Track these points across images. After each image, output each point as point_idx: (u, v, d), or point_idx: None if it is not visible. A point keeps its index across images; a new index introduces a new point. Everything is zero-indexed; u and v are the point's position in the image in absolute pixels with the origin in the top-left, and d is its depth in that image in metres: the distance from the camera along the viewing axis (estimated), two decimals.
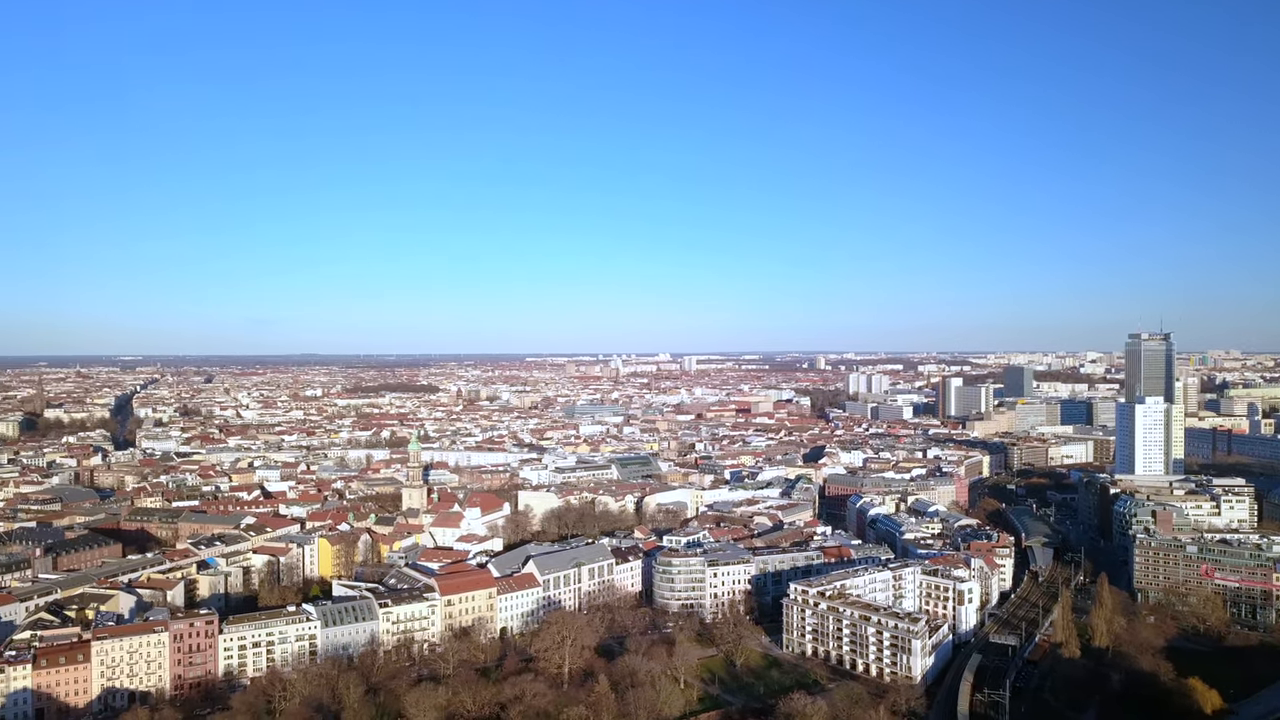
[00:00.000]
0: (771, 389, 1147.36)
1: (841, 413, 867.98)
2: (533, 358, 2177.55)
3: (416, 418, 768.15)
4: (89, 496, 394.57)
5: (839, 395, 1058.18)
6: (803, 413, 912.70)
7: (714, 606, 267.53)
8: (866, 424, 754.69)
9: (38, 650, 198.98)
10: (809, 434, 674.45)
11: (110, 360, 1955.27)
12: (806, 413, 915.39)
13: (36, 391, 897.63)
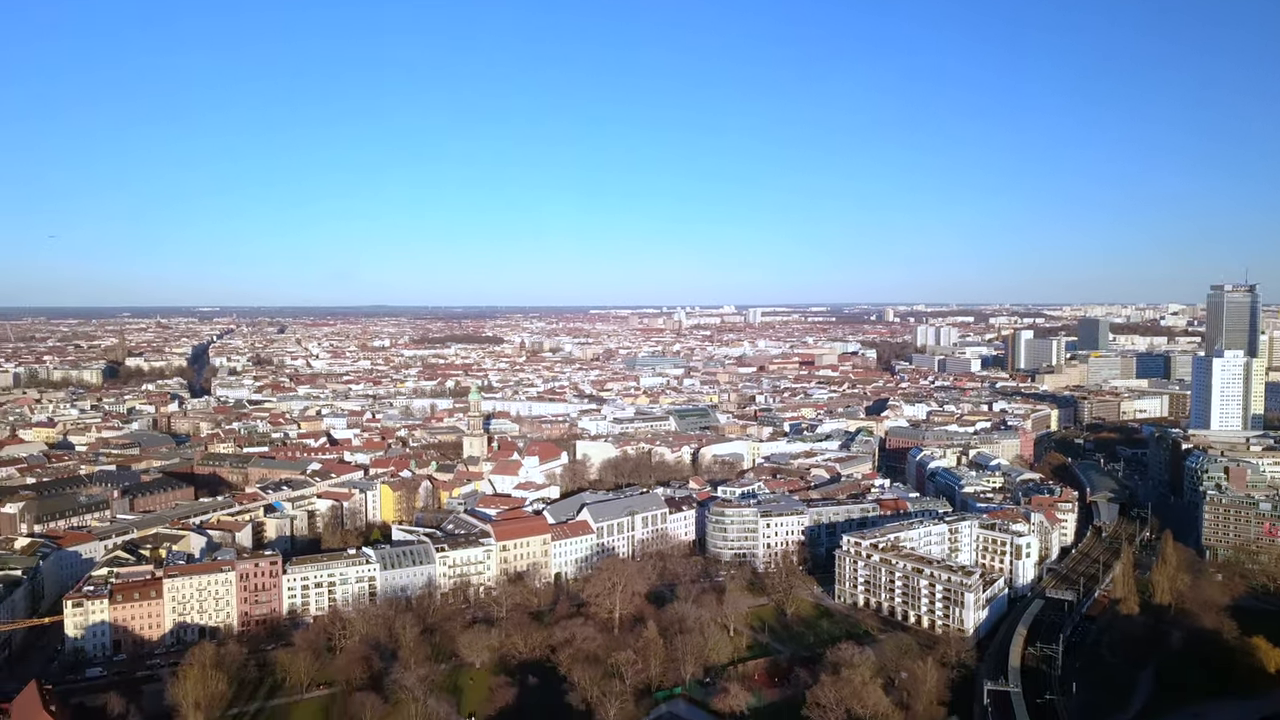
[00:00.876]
0: (837, 341, 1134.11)
1: (907, 365, 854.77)
2: (597, 310, 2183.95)
3: (480, 368, 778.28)
4: (165, 442, 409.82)
5: (906, 348, 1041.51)
6: (868, 365, 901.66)
7: (766, 557, 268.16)
8: (932, 377, 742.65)
9: (114, 586, 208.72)
10: (873, 387, 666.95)
11: (189, 311, 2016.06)
12: (872, 365, 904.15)
13: (119, 341, 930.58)
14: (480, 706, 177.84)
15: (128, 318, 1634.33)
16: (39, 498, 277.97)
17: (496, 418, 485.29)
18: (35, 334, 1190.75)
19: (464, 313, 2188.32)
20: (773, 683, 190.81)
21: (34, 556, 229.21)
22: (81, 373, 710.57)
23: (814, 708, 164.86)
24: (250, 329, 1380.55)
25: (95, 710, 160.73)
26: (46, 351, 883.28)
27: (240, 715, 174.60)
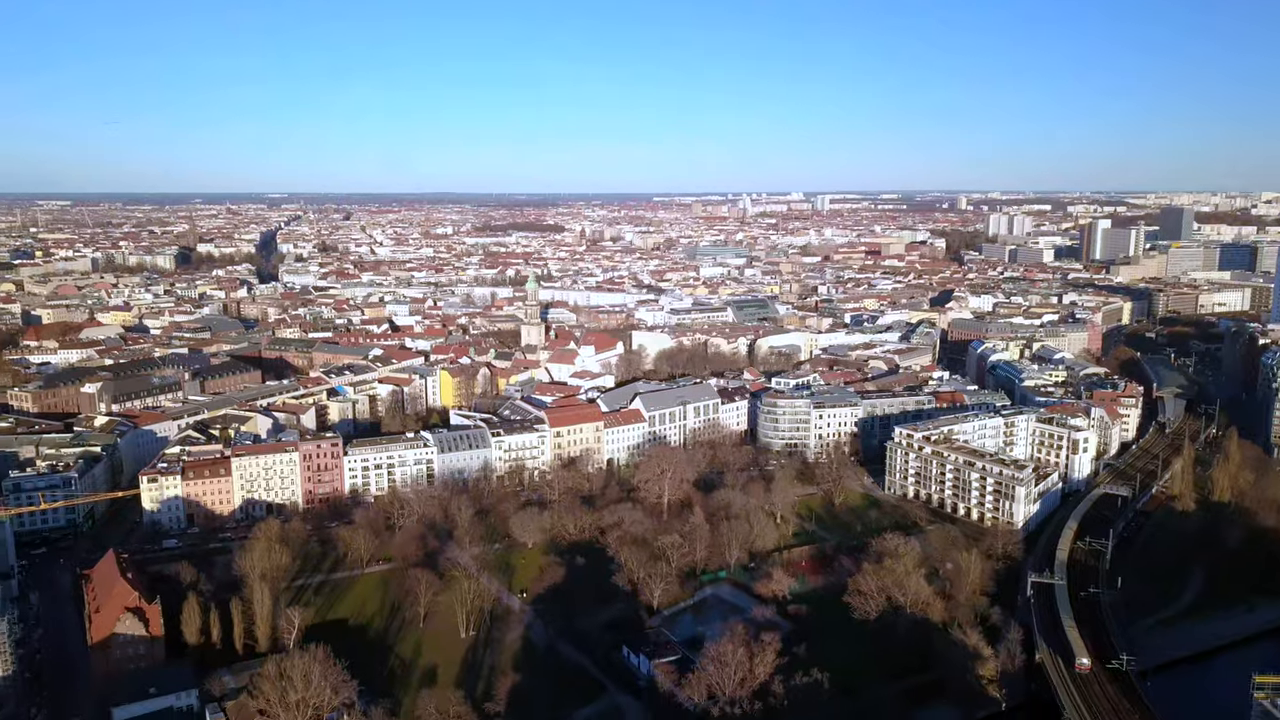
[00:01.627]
0: (906, 230, 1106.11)
1: (977, 255, 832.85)
2: (660, 198, 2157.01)
3: (540, 257, 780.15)
4: (234, 327, 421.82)
5: (977, 237, 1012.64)
6: (936, 255, 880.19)
7: (818, 448, 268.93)
8: (1002, 268, 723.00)
9: (186, 464, 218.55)
10: (939, 277, 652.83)
11: (258, 198, 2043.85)
12: (940, 256, 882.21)
13: (190, 227, 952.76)
14: (531, 584, 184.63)
15: (199, 204, 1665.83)
16: (116, 379, 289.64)
17: (554, 307, 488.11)
18: (112, 220, 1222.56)
19: (527, 200, 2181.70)
20: (817, 570, 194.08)
21: (112, 435, 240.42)
22: (155, 258, 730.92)
23: (855, 595, 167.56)
24: (316, 216, 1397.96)
25: (169, 578, 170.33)
26: (122, 237, 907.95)
27: (304, 587, 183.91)
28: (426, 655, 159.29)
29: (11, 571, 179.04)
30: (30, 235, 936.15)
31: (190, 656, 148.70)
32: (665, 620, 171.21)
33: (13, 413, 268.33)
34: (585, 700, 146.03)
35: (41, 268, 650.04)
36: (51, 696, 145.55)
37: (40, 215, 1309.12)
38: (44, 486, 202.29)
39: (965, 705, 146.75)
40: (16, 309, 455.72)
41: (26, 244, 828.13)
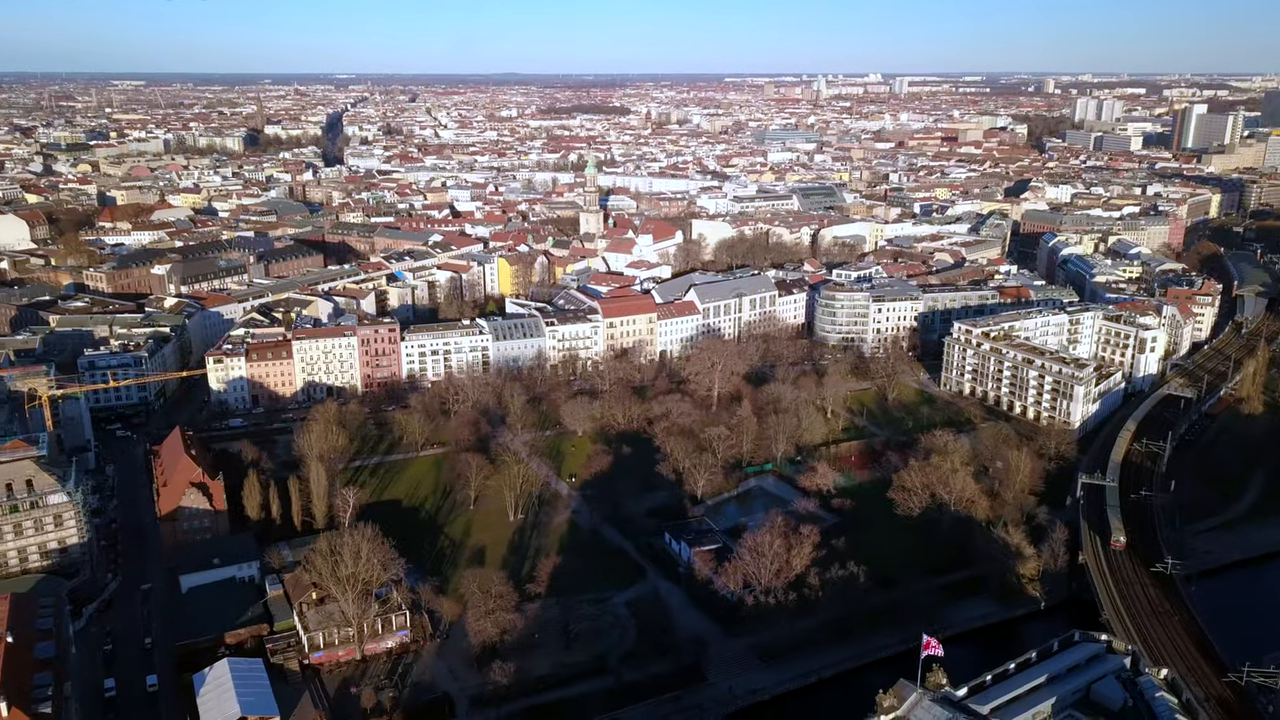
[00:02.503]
0: (986, 115, 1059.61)
1: (1059, 143, 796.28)
2: (732, 78, 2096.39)
3: (604, 141, 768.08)
4: (300, 210, 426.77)
5: (1061, 123, 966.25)
6: (1016, 142, 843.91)
7: (875, 342, 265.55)
8: (1085, 156, 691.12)
9: (250, 346, 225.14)
10: (1017, 166, 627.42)
11: (326, 78, 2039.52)
12: (1020, 142, 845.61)
13: (258, 109, 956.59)
14: (579, 471, 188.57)
15: (268, 84, 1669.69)
16: (184, 261, 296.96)
17: (615, 193, 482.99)
18: (183, 100, 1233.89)
19: (594, 81, 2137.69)
20: (864, 465, 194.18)
21: (180, 315, 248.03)
22: (224, 140, 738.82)
23: (899, 490, 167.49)
24: (383, 97, 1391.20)
25: (233, 456, 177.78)
26: (193, 118, 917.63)
27: (361, 467, 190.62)
28: (475, 536, 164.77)
29: (88, 445, 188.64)
30: (105, 115, 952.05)
31: (251, 530, 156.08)
32: (709, 510, 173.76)
33: (88, 293, 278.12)
34: (626, 583, 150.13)
35: (116, 149, 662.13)
36: (125, 564, 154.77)
37: (115, 95, 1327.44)
38: (116, 365, 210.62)
39: (1003, 602, 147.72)
40: (92, 190, 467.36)
41: (102, 124, 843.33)
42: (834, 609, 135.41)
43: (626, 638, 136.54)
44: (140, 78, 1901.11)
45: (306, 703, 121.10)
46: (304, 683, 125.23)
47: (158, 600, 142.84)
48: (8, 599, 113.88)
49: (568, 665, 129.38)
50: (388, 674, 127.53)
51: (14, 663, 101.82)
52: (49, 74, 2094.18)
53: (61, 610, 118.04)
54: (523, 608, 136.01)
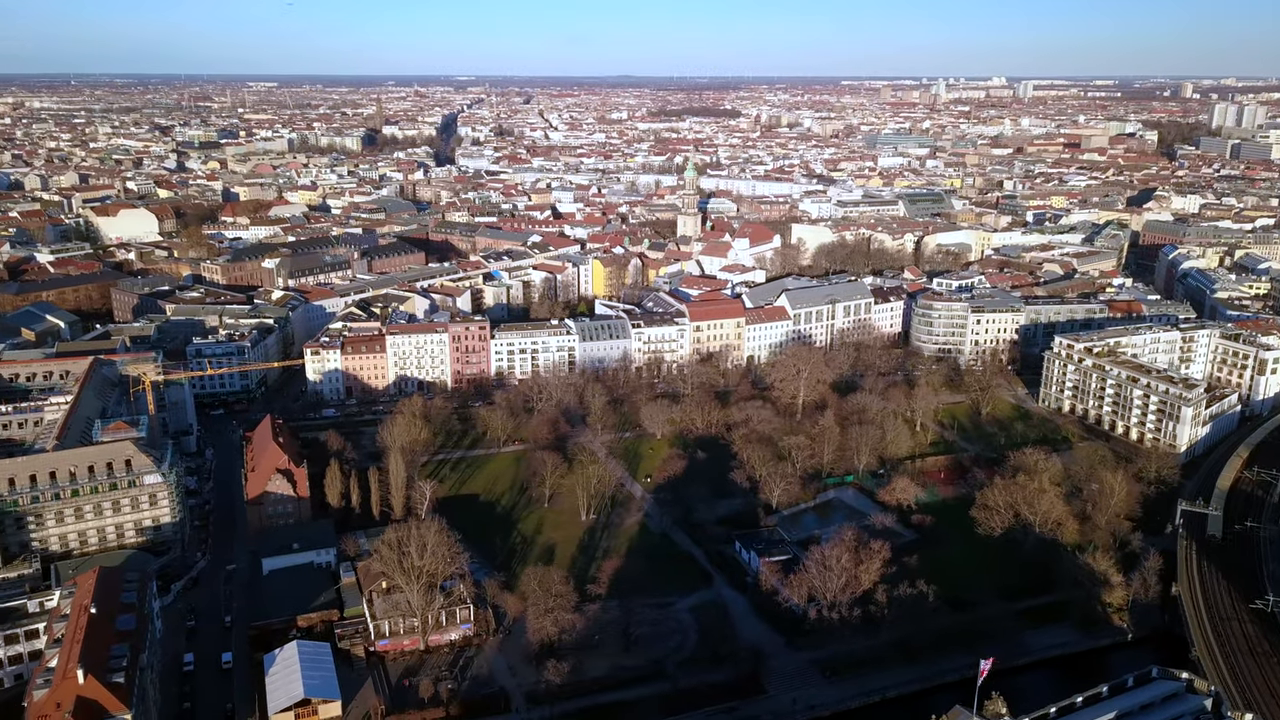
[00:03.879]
0: (1114, 121, 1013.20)
1: (1191, 151, 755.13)
2: (848, 81, 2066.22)
3: (711, 144, 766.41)
4: (408, 208, 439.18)
5: (1196, 130, 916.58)
6: (1144, 149, 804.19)
7: (973, 354, 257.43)
8: (1219, 164, 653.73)
9: (345, 339, 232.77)
10: (1143, 174, 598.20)
11: (446, 80, 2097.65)
12: (1150, 149, 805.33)
13: (377, 110, 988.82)
14: (654, 474, 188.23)
15: (391, 86, 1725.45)
16: (293, 255, 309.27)
17: (717, 196, 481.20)
18: (310, 102, 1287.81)
19: (707, 84, 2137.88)
20: (949, 480, 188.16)
21: (284, 308, 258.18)
22: (344, 139, 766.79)
23: (980, 509, 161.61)
24: (498, 99, 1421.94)
25: (319, 444, 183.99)
26: (317, 119, 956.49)
27: (444, 461, 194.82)
28: (547, 534, 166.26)
29: (190, 429, 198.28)
30: (237, 115, 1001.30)
31: (331, 518, 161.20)
32: (784, 520, 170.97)
33: (204, 284, 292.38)
34: (691, 589, 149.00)
35: (243, 147, 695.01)
36: (215, 544, 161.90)
37: (249, 96, 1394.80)
38: (220, 353, 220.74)
39: (1086, 631, 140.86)
40: (218, 186, 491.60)
41: (233, 124, 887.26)
42: (901, 628, 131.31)
43: (687, 644, 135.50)
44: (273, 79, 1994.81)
45: (369, 689, 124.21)
46: (368, 669, 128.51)
47: (240, 581, 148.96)
48: (95, 572, 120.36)
49: (625, 668, 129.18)
50: (448, 666, 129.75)
51: (95, 633, 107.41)
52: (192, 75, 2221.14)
53: (145, 585, 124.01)
54: (583, 608, 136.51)
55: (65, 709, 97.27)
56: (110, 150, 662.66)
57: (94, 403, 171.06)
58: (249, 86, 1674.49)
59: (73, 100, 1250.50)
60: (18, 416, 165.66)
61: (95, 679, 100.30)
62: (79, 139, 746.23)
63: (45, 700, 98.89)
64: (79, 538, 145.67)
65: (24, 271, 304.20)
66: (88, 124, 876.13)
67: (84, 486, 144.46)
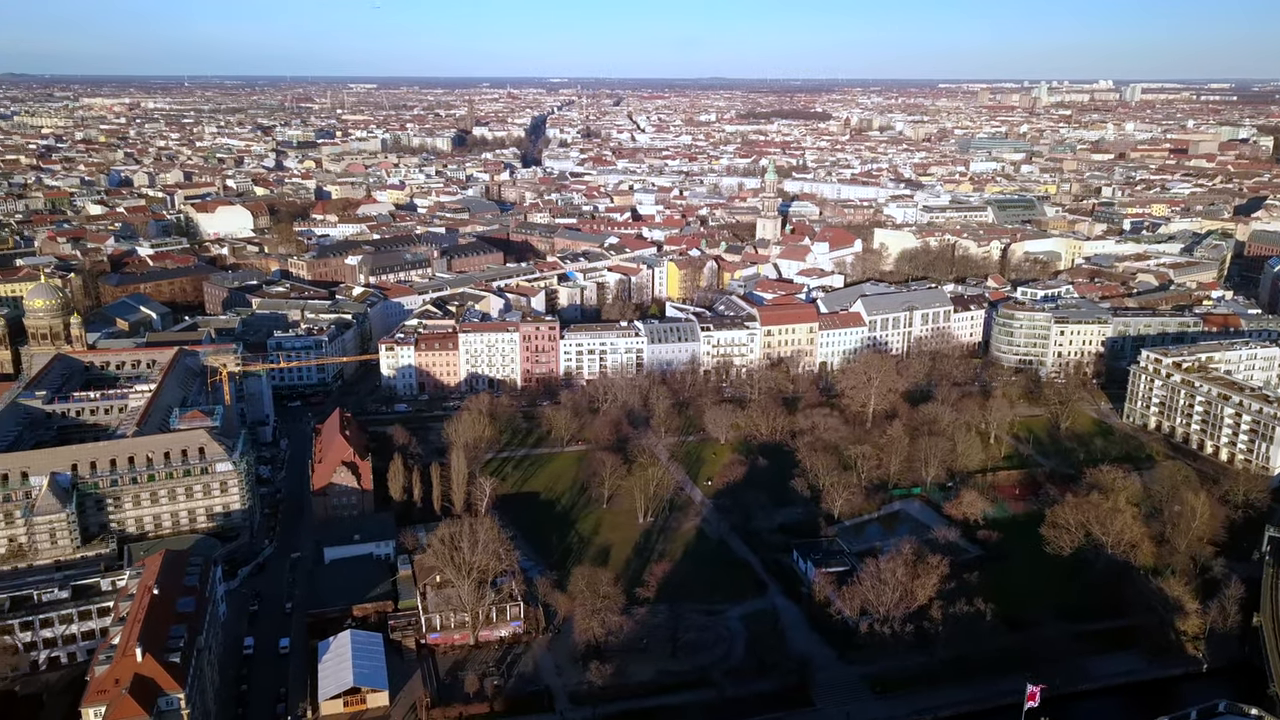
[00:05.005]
0: (1227, 126, 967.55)
1: None
2: (946, 84, 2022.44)
3: (798, 146, 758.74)
4: (491, 209, 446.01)
5: None
6: (1257, 156, 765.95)
7: (1055, 366, 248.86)
8: None
9: (419, 336, 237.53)
10: (1253, 182, 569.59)
11: (540, 82, 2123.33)
12: (1264, 156, 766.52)
13: (469, 111, 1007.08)
14: (715, 479, 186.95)
15: (485, 87, 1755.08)
16: (375, 253, 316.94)
17: (800, 199, 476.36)
18: (405, 103, 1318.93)
19: (801, 86, 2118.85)
20: (1021, 495, 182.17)
21: (364, 304, 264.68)
22: (435, 140, 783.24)
23: (1050, 527, 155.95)
24: (589, 101, 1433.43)
25: (385, 437, 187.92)
26: (410, 120, 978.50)
27: (508, 459, 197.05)
28: (603, 535, 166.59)
29: (266, 420, 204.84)
30: (335, 116, 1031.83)
31: (393, 511, 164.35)
32: (845, 531, 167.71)
33: (290, 279, 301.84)
34: (743, 597, 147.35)
35: (339, 147, 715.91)
36: (282, 532, 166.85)
37: (348, 97, 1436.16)
38: (299, 347, 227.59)
39: (1156, 659, 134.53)
40: (311, 185, 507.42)
41: (330, 124, 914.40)
42: (955, 646, 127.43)
43: (735, 652, 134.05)
44: (373, 81, 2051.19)
45: (416, 681, 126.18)
46: (418, 661, 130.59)
47: (303, 569, 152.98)
48: (161, 555, 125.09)
49: (671, 673, 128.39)
50: (496, 662, 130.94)
51: (156, 613, 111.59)
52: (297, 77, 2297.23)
53: (208, 569, 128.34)
54: (632, 611, 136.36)
55: (123, 685, 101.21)
56: (214, 149, 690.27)
57: (176, 391, 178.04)
58: (349, 88, 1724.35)
59: (184, 101, 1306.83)
60: (104, 403, 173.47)
61: (153, 658, 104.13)
62: (186, 138, 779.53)
63: (105, 676, 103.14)
64: (154, 521, 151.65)
65: (125, 264, 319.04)
66: (195, 124, 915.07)
67: (159, 472, 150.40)
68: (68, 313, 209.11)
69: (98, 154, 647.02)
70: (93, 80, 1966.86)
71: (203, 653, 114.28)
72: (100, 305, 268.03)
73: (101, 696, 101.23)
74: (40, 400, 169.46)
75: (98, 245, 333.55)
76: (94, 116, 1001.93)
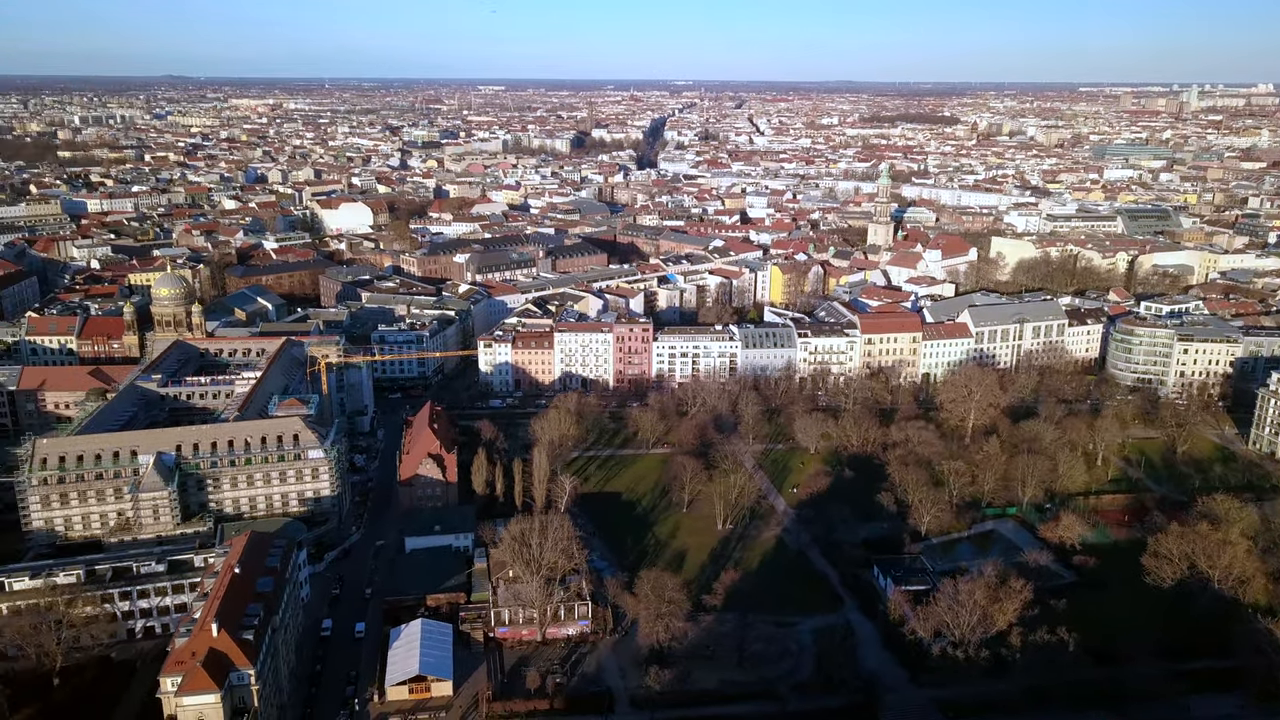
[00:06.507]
0: None
1: None
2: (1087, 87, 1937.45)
3: (921, 151, 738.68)
4: (601, 210, 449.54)
5: None
6: None
7: (1177, 386, 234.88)
8: None
9: (517, 334, 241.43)
10: None
11: (664, 85, 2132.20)
12: None
13: (588, 113, 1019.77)
14: (800, 489, 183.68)
15: (609, 90, 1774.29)
16: (483, 252, 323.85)
17: (917, 205, 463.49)
18: (530, 104, 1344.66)
19: (931, 90, 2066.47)
20: (1126, 521, 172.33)
21: (468, 301, 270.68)
22: (554, 141, 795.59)
23: (1151, 557, 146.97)
24: (711, 103, 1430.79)
25: (474, 432, 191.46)
26: (531, 121, 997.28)
27: (594, 458, 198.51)
28: (680, 539, 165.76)
29: (365, 410, 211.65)
30: (461, 117, 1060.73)
31: (475, 504, 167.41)
32: (932, 549, 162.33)
33: (401, 275, 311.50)
34: (818, 610, 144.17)
35: (461, 147, 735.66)
36: (370, 519, 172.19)
37: (475, 99, 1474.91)
38: (400, 341, 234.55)
39: (1264, 705, 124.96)
40: (431, 184, 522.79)
41: (456, 125, 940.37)
42: (1033, 675, 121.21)
43: (803, 666, 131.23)
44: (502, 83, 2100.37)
45: (481, 673, 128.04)
46: (485, 654, 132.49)
47: (385, 556, 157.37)
48: (246, 535, 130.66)
49: (735, 683, 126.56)
50: (561, 660, 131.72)
51: (235, 591, 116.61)
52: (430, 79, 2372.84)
53: (290, 552, 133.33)
54: (699, 618, 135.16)
55: (198, 658, 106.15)
56: (344, 148, 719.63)
57: (279, 379, 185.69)
58: (477, 90, 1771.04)
59: (322, 102, 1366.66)
60: (213, 388, 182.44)
61: (227, 634, 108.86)
62: (320, 138, 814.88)
63: (184, 648, 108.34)
64: (249, 502, 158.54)
65: (251, 257, 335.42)
66: (330, 124, 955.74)
67: (255, 456, 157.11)
68: (190, 301, 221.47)
69: (238, 152, 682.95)
70: (242, 82, 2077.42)
71: (277, 632, 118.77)
72: (224, 295, 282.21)
73: (178, 667, 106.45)
74: (155, 383, 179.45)
75: (228, 238, 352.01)
76: (239, 116, 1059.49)
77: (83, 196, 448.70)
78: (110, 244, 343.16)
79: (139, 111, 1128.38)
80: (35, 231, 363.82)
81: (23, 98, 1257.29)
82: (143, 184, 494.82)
